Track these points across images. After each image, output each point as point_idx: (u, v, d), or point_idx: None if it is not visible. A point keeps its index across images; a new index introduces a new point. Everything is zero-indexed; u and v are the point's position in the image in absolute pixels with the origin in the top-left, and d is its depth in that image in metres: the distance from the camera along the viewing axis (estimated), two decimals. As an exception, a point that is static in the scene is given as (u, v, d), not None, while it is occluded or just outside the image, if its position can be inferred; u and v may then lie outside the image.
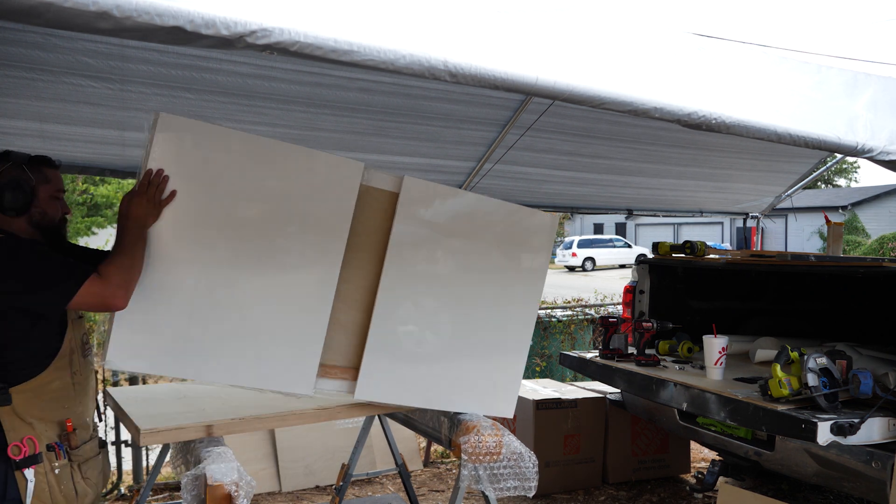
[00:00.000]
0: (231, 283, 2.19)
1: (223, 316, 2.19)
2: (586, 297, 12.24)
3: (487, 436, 2.41)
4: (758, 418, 2.81)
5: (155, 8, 1.33)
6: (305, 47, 1.50)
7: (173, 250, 2.11)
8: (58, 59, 2.78)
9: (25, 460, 1.99)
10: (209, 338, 2.18)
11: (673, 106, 1.98)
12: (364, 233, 2.35)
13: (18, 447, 1.99)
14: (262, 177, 2.19)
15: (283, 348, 2.27)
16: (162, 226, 2.08)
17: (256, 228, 2.21)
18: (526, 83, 1.78)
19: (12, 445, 1.98)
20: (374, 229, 2.37)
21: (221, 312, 2.18)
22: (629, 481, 4.70)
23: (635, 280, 4.46)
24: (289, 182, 2.23)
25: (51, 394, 2.06)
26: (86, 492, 2.17)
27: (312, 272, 2.29)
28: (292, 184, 2.24)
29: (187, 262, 2.13)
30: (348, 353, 2.39)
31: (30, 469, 2.00)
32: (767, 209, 6.11)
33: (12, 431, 1.99)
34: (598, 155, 4.54)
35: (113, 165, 3.72)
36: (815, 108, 2.24)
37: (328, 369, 2.36)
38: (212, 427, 2.23)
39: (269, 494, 4.45)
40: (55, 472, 2.06)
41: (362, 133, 3.75)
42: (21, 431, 2.00)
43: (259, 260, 2.22)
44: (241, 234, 2.19)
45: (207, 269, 2.16)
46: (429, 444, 5.16)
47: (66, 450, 2.10)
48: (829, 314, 4.41)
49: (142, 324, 2.09)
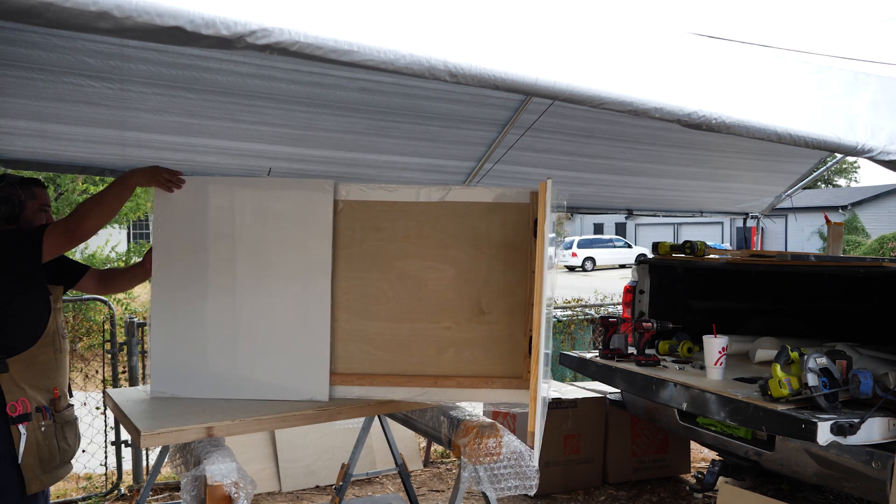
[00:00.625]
0: (242, 313, 2.56)
1: (241, 342, 2.56)
2: (586, 297, 12.24)
3: (487, 436, 2.40)
4: (758, 418, 2.81)
5: (155, 8, 1.33)
6: (305, 47, 1.50)
7: (194, 296, 2.55)
8: (58, 58, 2.78)
9: (19, 417, 2.42)
10: (232, 362, 2.55)
11: (673, 106, 1.98)
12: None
13: (14, 406, 2.41)
14: (251, 212, 2.58)
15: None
16: (176, 276, 2.54)
17: (245, 259, 2.57)
18: (526, 83, 1.78)
19: (9, 405, 2.40)
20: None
21: (239, 339, 2.56)
22: (629, 481, 4.70)
23: (635, 280, 4.46)
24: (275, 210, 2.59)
25: (39, 365, 2.49)
26: (65, 450, 2.59)
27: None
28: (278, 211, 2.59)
29: (204, 300, 2.55)
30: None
31: (23, 425, 2.42)
32: (767, 209, 6.11)
33: (9, 394, 2.41)
34: (598, 155, 4.54)
35: (113, 165, 3.72)
36: (815, 108, 2.24)
37: (342, 377, 2.61)
38: (212, 428, 2.23)
39: (269, 494, 4.45)
40: (41, 430, 2.49)
41: (362, 133, 3.75)
42: (16, 394, 2.42)
43: (264, 289, 2.57)
44: (234, 266, 2.57)
45: (222, 305, 2.56)
46: (429, 444, 5.16)
47: (51, 412, 2.53)
48: (829, 314, 4.41)
49: (173, 357, 2.53)
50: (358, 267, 2.59)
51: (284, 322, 2.55)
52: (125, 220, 11.22)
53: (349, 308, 2.59)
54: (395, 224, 2.60)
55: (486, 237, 2.59)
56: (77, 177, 12.03)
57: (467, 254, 2.59)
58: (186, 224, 2.55)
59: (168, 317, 2.55)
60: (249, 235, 2.56)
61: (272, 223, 2.56)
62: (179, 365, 2.53)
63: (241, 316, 2.56)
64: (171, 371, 2.53)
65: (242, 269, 2.56)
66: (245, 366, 2.55)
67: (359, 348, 2.59)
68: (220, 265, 2.56)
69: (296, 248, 2.56)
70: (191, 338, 2.54)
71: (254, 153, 3.73)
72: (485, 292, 2.58)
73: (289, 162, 3.89)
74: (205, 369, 2.54)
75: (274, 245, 2.55)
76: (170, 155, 3.64)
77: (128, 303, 9.74)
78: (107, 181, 11.10)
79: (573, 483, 4.56)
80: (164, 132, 3.42)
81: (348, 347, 2.59)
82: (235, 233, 2.56)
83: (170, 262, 2.56)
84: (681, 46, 2.14)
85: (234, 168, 3.92)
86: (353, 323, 2.59)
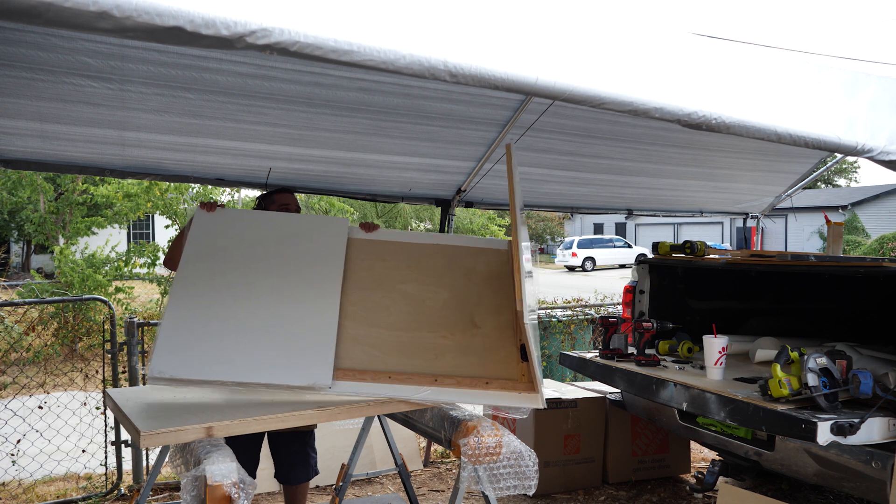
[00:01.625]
0: (257, 309, 2.69)
1: (249, 332, 2.63)
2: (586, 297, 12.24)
3: (487, 436, 2.40)
4: (758, 418, 2.81)
5: (155, 8, 1.33)
6: (305, 47, 1.50)
7: (206, 291, 2.67)
8: (57, 58, 2.78)
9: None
10: (237, 348, 2.59)
11: (673, 106, 1.98)
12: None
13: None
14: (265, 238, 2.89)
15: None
16: (199, 275, 2.69)
17: (264, 269, 2.80)
18: (526, 83, 1.78)
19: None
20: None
21: (248, 330, 2.64)
22: (629, 481, 4.70)
23: (635, 280, 4.46)
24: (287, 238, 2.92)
25: None
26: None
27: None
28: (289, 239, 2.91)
29: (216, 295, 2.68)
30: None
31: None
32: (767, 209, 6.11)
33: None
34: (598, 155, 4.53)
35: (113, 165, 3.72)
36: (814, 108, 2.24)
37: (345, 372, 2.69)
38: (212, 428, 2.23)
39: (269, 494, 4.45)
40: None
41: (362, 133, 3.74)
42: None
43: (271, 288, 2.75)
44: (254, 274, 2.79)
45: (239, 301, 2.69)
46: (429, 444, 5.16)
47: None
48: (829, 314, 4.41)
49: (180, 340, 2.55)
50: (365, 287, 2.86)
51: (294, 321, 2.68)
52: (125, 220, 11.22)
53: (355, 317, 2.78)
54: (397, 256, 2.96)
55: (475, 270, 2.95)
56: (77, 177, 12.04)
57: (459, 282, 2.92)
58: (220, 235, 2.84)
59: (184, 305, 2.63)
60: (274, 252, 2.85)
61: (294, 246, 2.88)
62: (184, 348, 2.53)
63: (254, 311, 2.68)
64: (175, 353, 2.51)
65: (263, 275, 2.77)
66: (249, 352, 2.59)
67: (363, 350, 2.71)
68: (243, 271, 2.78)
69: (314, 264, 2.84)
70: (201, 325, 2.60)
71: (254, 153, 3.73)
72: (477, 311, 2.84)
73: (288, 162, 3.89)
74: (209, 353, 2.55)
75: (293, 262, 2.84)
76: (170, 155, 3.64)
77: (128, 303, 9.75)
78: (107, 181, 11.07)
79: (573, 483, 4.56)
80: (163, 132, 3.42)
81: (353, 349, 2.70)
82: (262, 249, 2.85)
83: (197, 261, 2.74)
84: (681, 46, 2.14)
85: (234, 168, 3.92)
86: (358, 329, 2.75)
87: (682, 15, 2.49)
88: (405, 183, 4.41)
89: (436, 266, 2.95)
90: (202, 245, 2.82)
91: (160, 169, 3.86)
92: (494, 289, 2.89)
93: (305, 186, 4.26)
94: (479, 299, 2.86)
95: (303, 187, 4.25)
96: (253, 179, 4.06)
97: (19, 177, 13.33)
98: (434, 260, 2.97)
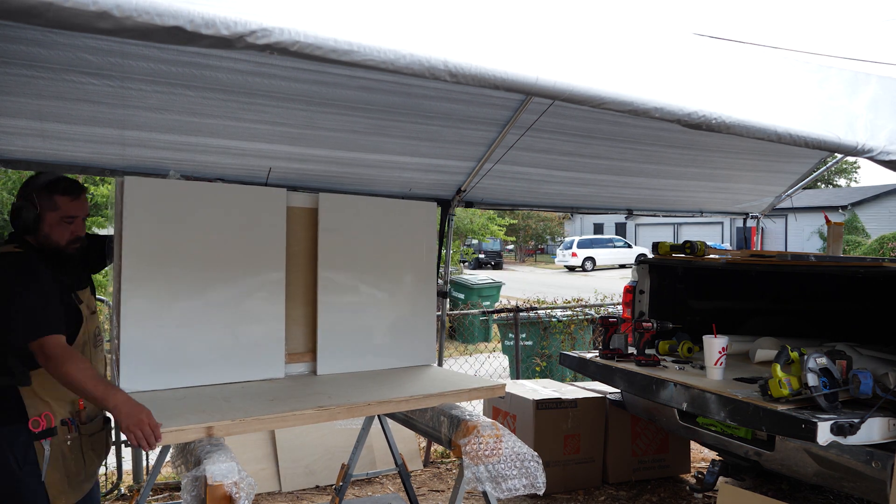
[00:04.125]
0: (204, 304, 2.77)
1: (203, 332, 2.75)
2: (586, 297, 12.25)
3: (487, 436, 2.41)
4: (758, 418, 2.81)
5: (155, 8, 1.33)
6: (305, 47, 1.49)
7: (158, 292, 2.66)
8: (57, 56, 2.78)
9: (43, 433, 2.35)
10: (195, 352, 2.72)
11: (673, 106, 1.98)
12: (295, 242, 3.07)
13: (38, 421, 2.33)
14: (212, 215, 2.83)
15: (255, 346, 2.89)
16: (148, 276, 2.64)
17: (214, 259, 2.81)
18: (526, 83, 1.77)
19: (32, 420, 2.32)
20: (303, 238, 3.10)
21: (201, 330, 2.75)
22: (629, 481, 4.70)
23: (635, 280, 4.46)
24: (233, 214, 2.89)
25: None
26: (92, 460, 2.57)
27: (265, 281, 2.94)
28: (236, 216, 2.90)
29: (167, 298, 2.68)
30: (304, 340, 3.08)
31: (46, 440, 2.35)
32: (767, 209, 6.11)
33: (32, 408, 2.33)
34: (598, 155, 4.53)
35: (113, 165, 3.71)
36: (815, 108, 2.24)
37: (291, 356, 3.03)
38: (212, 428, 2.23)
39: (269, 494, 4.45)
40: (67, 443, 2.43)
41: (362, 132, 3.74)
42: (39, 408, 2.35)
43: (223, 281, 2.82)
44: (205, 266, 2.79)
45: (183, 300, 2.72)
46: (429, 444, 5.16)
47: (77, 425, 2.46)
48: (829, 314, 4.41)
49: (143, 353, 2.61)
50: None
51: (242, 315, 2.86)
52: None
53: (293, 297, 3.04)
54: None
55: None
56: (77, 176, 12.03)
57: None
58: (157, 225, 2.69)
59: (138, 315, 2.61)
60: (219, 239, 2.84)
61: (236, 228, 2.89)
62: (149, 360, 2.62)
63: (206, 310, 2.77)
64: (142, 366, 2.60)
65: (211, 265, 2.81)
66: (216, 352, 2.77)
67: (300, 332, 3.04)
68: (191, 263, 2.77)
69: (258, 243, 2.94)
70: (161, 333, 2.65)
71: (254, 152, 3.73)
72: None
73: (288, 161, 3.89)
74: (176, 360, 2.67)
75: (240, 246, 2.89)
76: (170, 155, 3.63)
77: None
78: (107, 181, 11.03)
79: (573, 483, 4.56)
80: (163, 131, 3.41)
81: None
82: (206, 235, 2.81)
83: (139, 263, 2.63)
84: (681, 46, 2.14)
85: (234, 168, 3.91)
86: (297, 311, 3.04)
87: (683, 15, 2.50)
88: (405, 183, 4.41)
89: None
90: (141, 235, 2.64)
91: (161, 169, 3.84)
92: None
93: (305, 186, 4.26)
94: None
95: (303, 187, 4.24)
96: (253, 179, 4.05)
97: (20, 177, 13.32)
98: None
